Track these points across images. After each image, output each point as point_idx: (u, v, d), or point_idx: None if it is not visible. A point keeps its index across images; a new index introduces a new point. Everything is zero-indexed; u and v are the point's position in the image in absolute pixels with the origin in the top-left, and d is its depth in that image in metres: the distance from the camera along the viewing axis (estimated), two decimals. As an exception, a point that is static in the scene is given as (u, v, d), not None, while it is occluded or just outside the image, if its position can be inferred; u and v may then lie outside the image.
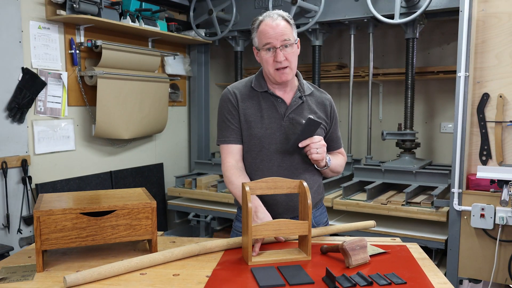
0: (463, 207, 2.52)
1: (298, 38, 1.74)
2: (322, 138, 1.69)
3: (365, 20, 3.28)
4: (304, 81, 1.85)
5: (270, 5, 3.37)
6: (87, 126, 3.28)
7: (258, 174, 1.74)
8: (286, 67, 1.68)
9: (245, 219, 1.45)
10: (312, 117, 1.62)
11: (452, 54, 3.54)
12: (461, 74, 2.52)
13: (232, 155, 1.76)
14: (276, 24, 1.65)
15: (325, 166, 1.75)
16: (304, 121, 1.67)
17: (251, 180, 1.71)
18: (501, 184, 2.27)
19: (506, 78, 2.48)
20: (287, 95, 1.77)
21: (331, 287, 1.24)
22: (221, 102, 1.80)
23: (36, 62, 2.90)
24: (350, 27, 3.47)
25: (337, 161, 1.85)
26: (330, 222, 2.99)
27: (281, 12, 1.71)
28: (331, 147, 1.89)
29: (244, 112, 1.75)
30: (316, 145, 1.65)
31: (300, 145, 1.66)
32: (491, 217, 2.42)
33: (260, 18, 1.70)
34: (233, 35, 3.82)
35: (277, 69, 1.68)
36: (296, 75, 1.83)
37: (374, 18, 3.12)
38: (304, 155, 1.72)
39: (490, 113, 2.52)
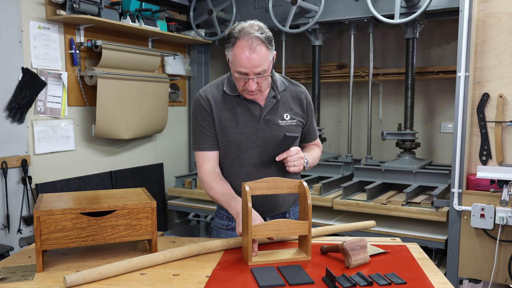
0: (463, 207, 2.52)
1: (275, 52, 1.65)
2: (299, 149, 1.67)
3: (365, 20, 3.28)
4: (277, 75, 1.79)
5: (270, 5, 3.37)
6: (87, 126, 3.28)
7: (236, 179, 1.73)
8: (256, 90, 1.64)
9: (245, 219, 1.46)
10: (288, 133, 1.61)
11: (452, 54, 3.54)
12: (461, 74, 2.52)
13: (208, 162, 1.75)
14: (253, 56, 1.53)
15: (303, 169, 1.73)
16: (282, 130, 1.69)
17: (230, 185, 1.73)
18: (501, 184, 2.27)
19: (506, 78, 2.48)
20: (261, 96, 1.73)
21: (331, 287, 1.24)
22: (194, 108, 1.77)
23: (36, 62, 2.90)
24: (350, 27, 3.47)
25: (314, 156, 1.85)
26: (330, 222, 3.01)
27: (258, 31, 1.55)
28: (308, 139, 1.90)
29: (219, 118, 1.72)
30: (293, 158, 1.64)
31: (277, 159, 1.65)
32: (491, 217, 2.42)
33: (235, 34, 1.56)
34: (233, 35, 3.82)
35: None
36: None
37: (374, 18, 3.12)
38: (282, 164, 1.70)
39: (490, 113, 2.52)
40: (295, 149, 1.65)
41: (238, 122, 1.71)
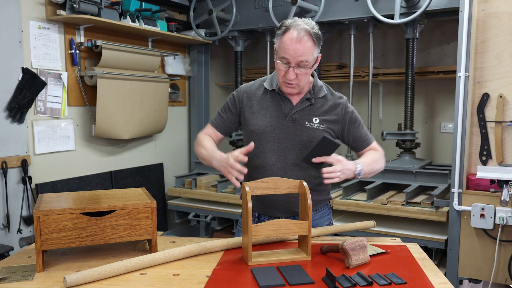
0: (463, 207, 2.52)
1: (320, 54, 1.70)
2: (343, 160, 1.62)
3: (365, 20, 3.28)
4: (320, 83, 1.81)
5: (270, 5, 3.37)
6: (87, 126, 3.28)
7: (253, 171, 1.76)
8: (294, 83, 1.68)
9: (245, 219, 1.45)
10: (327, 136, 1.60)
11: (452, 54, 3.54)
12: (461, 74, 2.52)
13: (207, 131, 1.88)
14: (299, 45, 1.60)
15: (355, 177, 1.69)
16: (319, 138, 1.63)
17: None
18: (501, 184, 2.27)
19: (506, 78, 2.48)
20: (296, 96, 1.76)
21: (331, 287, 1.24)
22: (231, 94, 1.87)
23: (36, 62, 2.90)
24: (350, 27, 3.47)
25: (370, 159, 1.77)
26: (330, 222, 3.01)
27: (308, 25, 1.62)
28: (360, 147, 1.85)
29: (248, 109, 1.78)
30: (334, 168, 1.59)
31: (314, 160, 1.62)
32: (491, 217, 2.42)
33: (287, 23, 1.64)
34: (233, 35, 3.82)
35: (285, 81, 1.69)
36: (311, 75, 1.79)
37: (374, 18, 3.12)
38: (319, 169, 1.66)
39: (490, 113, 2.52)
40: (336, 159, 1.61)
41: (266, 115, 1.76)
